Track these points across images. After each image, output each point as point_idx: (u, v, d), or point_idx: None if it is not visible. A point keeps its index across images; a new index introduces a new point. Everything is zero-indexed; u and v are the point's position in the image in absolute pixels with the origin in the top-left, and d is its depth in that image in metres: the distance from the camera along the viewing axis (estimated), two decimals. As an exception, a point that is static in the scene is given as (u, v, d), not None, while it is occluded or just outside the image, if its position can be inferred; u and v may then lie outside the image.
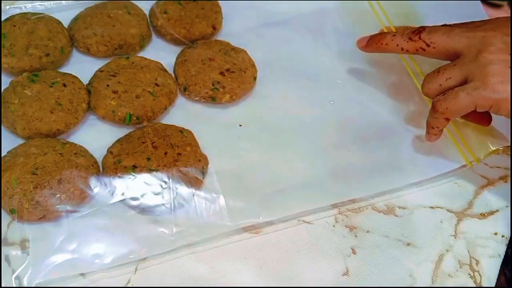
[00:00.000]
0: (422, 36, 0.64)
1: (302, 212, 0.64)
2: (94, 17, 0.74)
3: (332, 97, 0.74)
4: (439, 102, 0.61)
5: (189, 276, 0.59)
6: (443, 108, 0.61)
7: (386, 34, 0.68)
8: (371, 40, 0.70)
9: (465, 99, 0.59)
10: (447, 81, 0.61)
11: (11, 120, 0.64)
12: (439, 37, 0.63)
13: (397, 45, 0.66)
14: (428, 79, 0.63)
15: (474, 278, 0.62)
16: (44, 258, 0.57)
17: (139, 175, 0.61)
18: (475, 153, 0.68)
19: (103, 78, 0.69)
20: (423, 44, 0.64)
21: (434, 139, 0.66)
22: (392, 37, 0.67)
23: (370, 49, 0.70)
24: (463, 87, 0.59)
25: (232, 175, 0.65)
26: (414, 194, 0.68)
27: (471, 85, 0.58)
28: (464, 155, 0.68)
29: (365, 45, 0.71)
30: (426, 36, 0.64)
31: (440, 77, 0.62)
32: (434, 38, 0.63)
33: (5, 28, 0.70)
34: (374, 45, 0.69)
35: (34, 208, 0.58)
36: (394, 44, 0.67)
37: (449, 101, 0.60)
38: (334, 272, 0.61)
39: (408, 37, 0.65)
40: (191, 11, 0.76)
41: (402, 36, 0.66)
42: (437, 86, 0.62)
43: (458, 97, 0.59)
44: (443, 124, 0.63)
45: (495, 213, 0.67)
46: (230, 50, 0.74)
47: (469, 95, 0.58)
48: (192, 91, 0.70)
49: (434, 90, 0.63)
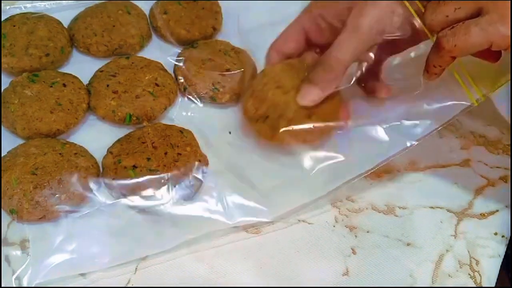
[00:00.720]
0: None
1: (302, 209, 0.64)
2: (94, 17, 0.74)
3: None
4: (446, 38, 0.52)
5: (189, 276, 0.59)
6: (450, 45, 0.51)
7: None
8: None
9: (478, 36, 0.50)
10: (456, 11, 0.52)
11: (11, 120, 0.64)
12: None
13: None
14: (432, 9, 0.53)
15: (474, 278, 0.62)
16: (44, 258, 0.57)
17: (139, 175, 0.61)
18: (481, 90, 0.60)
19: (103, 78, 0.69)
20: None
21: (434, 78, 0.57)
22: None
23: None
24: (476, 21, 0.50)
25: (232, 175, 0.65)
26: (414, 194, 0.68)
27: (486, 18, 0.49)
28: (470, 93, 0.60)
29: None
30: None
31: (447, 6, 0.52)
32: None
33: (5, 28, 0.70)
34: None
35: (34, 208, 0.58)
36: None
37: (459, 37, 0.51)
38: (334, 272, 0.61)
39: None
40: (191, 11, 0.76)
41: None
42: (443, 18, 0.53)
43: (470, 32, 0.50)
44: (448, 63, 0.55)
45: (495, 213, 0.67)
46: (230, 50, 0.74)
47: (483, 31, 0.49)
48: (192, 91, 0.70)
49: (439, 22, 0.53)
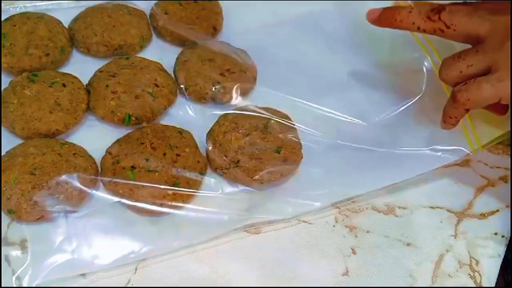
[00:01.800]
0: (442, 17, 0.59)
1: (302, 212, 0.64)
2: (94, 17, 0.74)
3: (333, 100, 0.73)
4: (461, 93, 0.57)
5: (189, 276, 0.59)
6: (464, 98, 0.57)
7: (401, 10, 0.62)
8: (384, 14, 0.64)
9: (489, 91, 0.55)
10: (468, 68, 0.57)
11: (10, 120, 0.64)
12: (460, 19, 0.58)
13: (413, 23, 0.61)
14: (447, 65, 0.60)
15: (474, 278, 0.62)
16: (44, 258, 0.57)
17: (138, 175, 0.61)
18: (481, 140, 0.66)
19: (102, 79, 0.69)
20: (443, 25, 0.59)
21: (450, 128, 0.63)
22: (408, 14, 0.61)
23: (381, 24, 0.64)
24: (487, 78, 0.56)
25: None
26: (415, 194, 0.67)
27: (496, 76, 0.55)
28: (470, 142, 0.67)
29: (377, 19, 0.64)
30: (446, 16, 0.59)
31: (460, 63, 0.58)
32: (455, 20, 0.59)
33: (5, 28, 0.70)
34: (387, 20, 0.63)
35: (32, 208, 0.58)
36: (409, 21, 0.61)
37: (472, 92, 0.56)
38: (334, 272, 0.61)
39: (426, 16, 0.60)
40: (191, 11, 0.76)
41: (419, 13, 0.61)
42: (457, 73, 0.58)
43: (482, 88, 0.55)
44: (462, 114, 0.60)
45: (495, 213, 0.67)
46: (230, 51, 0.74)
47: (493, 87, 0.55)
48: (192, 92, 0.70)
49: (454, 77, 0.59)
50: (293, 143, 0.66)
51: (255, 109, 0.69)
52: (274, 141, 0.65)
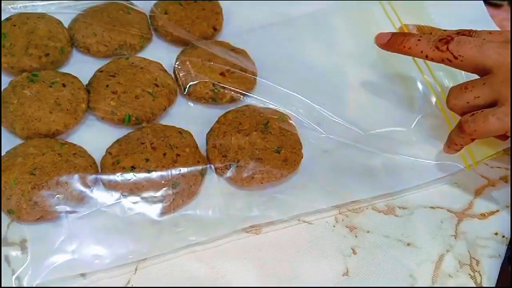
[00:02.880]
0: (450, 47, 0.60)
1: (302, 212, 0.64)
2: (94, 17, 0.74)
3: (333, 100, 0.73)
4: (468, 124, 0.58)
5: (189, 276, 0.59)
6: (471, 129, 0.58)
7: (410, 37, 0.63)
8: (393, 40, 0.65)
9: (495, 124, 0.56)
10: (475, 99, 0.58)
11: (10, 120, 0.64)
12: (468, 50, 0.59)
13: (421, 51, 0.62)
14: (454, 94, 0.60)
15: (474, 279, 0.62)
16: (44, 258, 0.57)
17: (138, 175, 0.61)
18: (475, 157, 0.68)
19: (102, 79, 0.69)
20: (450, 55, 0.60)
21: (453, 153, 0.64)
22: (417, 42, 0.62)
23: (390, 49, 0.66)
24: (493, 111, 0.56)
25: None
26: (415, 194, 0.67)
27: (503, 109, 0.56)
28: (464, 158, 0.68)
29: (386, 44, 0.65)
30: (454, 47, 0.60)
31: (468, 94, 0.59)
32: (462, 51, 0.59)
33: (5, 27, 0.70)
34: (395, 46, 0.64)
35: (32, 208, 0.58)
36: (418, 49, 0.62)
37: (478, 123, 0.57)
38: (334, 272, 0.61)
39: (434, 46, 0.61)
40: (191, 11, 0.76)
41: (428, 43, 0.61)
42: (464, 103, 0.59)
43: (488, 121, 0.56)
44: (468, 143, 0.61)
45: (495, 213, 0.67)
46: (230, 51, 0.74)
47: (499, 120, 0.56)
48: (192, 92, 0.70)
49: (461, 107, 0.60)
50: (293, 143, 0.66)
51: (255, 109, 0.69)
52: (274, 141, 0.65)
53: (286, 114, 0.69)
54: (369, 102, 0.74)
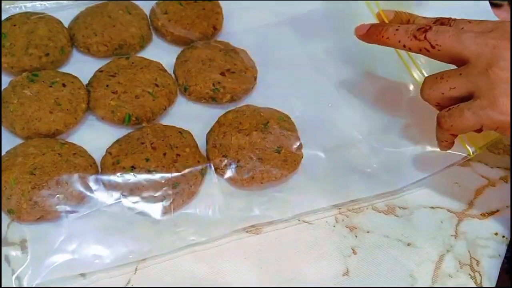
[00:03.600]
0: (428, 36, 0.58)
1: (303, 212, 0.64)
2: (95, 17, 0.74)
3: (332, 99, 0.74)
4: (444, 119, 0.57)
5: (189, 276, 0.59)
6: (448, 125, 0.57)
7: (389, 27, 0.62)
8: (371, 30, 0.64)
9: (470, 118, 0.55)
10: (451, 90, 0.57)
11: (10, 120, 0.64)
12: (446, 40, 0.57)
13: (399, 41, 0.60)
14: (429, 84, 0.59)
15: (474, 279, 0.62)
16: (44, 258, 0.57)
17: (138, 175, 0.61)
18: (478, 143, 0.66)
19: (102, 78, 0.68)
20: (428, 45, 0.58)
21: (446, 149, 0.63)
22: (395, 31, 0.61)
23: (369, 40, 0.64)
24: (468, 104, 0.55)
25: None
26: (415, 194, 0.67)
27: (478, 103, 0.54)
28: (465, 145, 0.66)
29: (364, 35, 0.64)
30: (432, 36, 0.58)
31: (443, 84, 0.57)
32: (440, 40, 0.57)
33: (5, 27, 0.70)
34: (374, 36, 0.63)
35: (32, 208, 0.58)
36: (396, 39, 0.61)
37: (454, 118, 0.56)
38: (334, 272, 0.61)
39: (412, 35, 0.59)
40: (191, 11, 0.76)
41: (406, 32, 0.60)
42: (438, 94, 0.58)
43: (464, 115, 0.55)
44: (451, 138, 0.60)
45: (495, 213, 0.67)
46: (230, 51, 0.74)
47: (475, 115, 0.54)
48: (192, 92, 0.70)
49: (435, 97, 0.58)
50: (293, 143, 0.66)
51: (255, 109, 0.69)
52: (274, 141, 0.65)
53: (286, 114, 0.69)
54: (369, 102, 0.74)
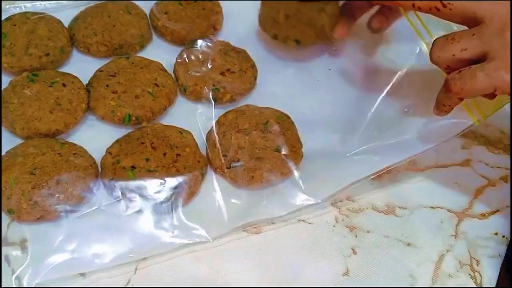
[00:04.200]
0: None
1: (302, 210, 0.64)
2: (94, 17, 0.74)
3: (332, 99, 0.74)
4: (454, 81, 0.54)
5: (189, 276, 0.59)
6: (457, 88, 0.54)
7: None
8: None
9: (484, 81, 0.52)
10: (462, 52, 0.54)
11: (10, 120, 0.64)
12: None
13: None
14: (440, 46, 0.56)
15: (474, 279, 0.62)
16: (44, 258, 0.57)
17: (138, 175, 0.61)
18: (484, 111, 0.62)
19: (102, 78, 0.68)
20: (439, 3, 0.55)
21: (444, 115, 0.60)
22: None
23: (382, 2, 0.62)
24: (481, 66, 0.52)
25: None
26: (415, 194, 0.67)
27: (492, 65, 0.52)
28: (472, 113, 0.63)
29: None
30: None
31: (454, 45, 0.54)
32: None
33: (5, 27, 0.70)
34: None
35: (32, 208, 0.58)
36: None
37: (465, 81, 0.53)
38: (334, 272, 0.61)
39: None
40: (191, 11, 0.76)
41: None
42: (449, 56, 0.55)
43: (476, 78, 0.52)
44: (456, 103, 0.57)
45: (495, 213, 0.67)
46: (230, 51, 0.74)
47: (488, 77, 0.51)
48: (192, 92, 0.70)
49: (445, 60, 0.55)
50: (293, 142, 0.66)
51: (255, 109, 0.69)
52: (274, 140, 0.65)
53: (286, 113, 0.69)
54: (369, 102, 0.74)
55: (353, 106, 0.73)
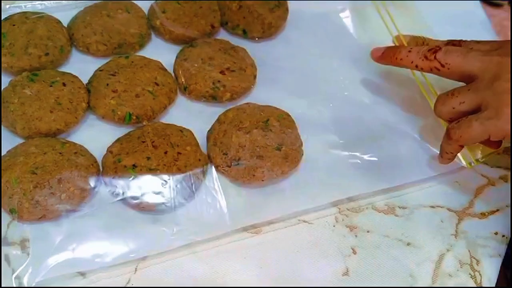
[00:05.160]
0: (438, 56, 0.63)
1: (302, 211, 0.64)
2: (94, 16, 0.74)
3: (332, 98, 0.74)
4: (453, 130, 0.60)
5: (189, 276, 0.59)
6: (457, 136, 0.59)
7: (402, 49, 0.67)
8: (386, 53, 0.69)
9: (478, 129, 0.57)
10: (461, 105, 0.60)
11: (10, 120, 0.64)
12: (454, 59, 0.62)
13: (411, 61, 0.65)
14: (441, 101, 0.62)
15: (474, 278, 0.62)
16: (44, 257, 0.57)
17: (139, 174, 0.61)
18: (475, 155, 0.68)
19: (102, 77, 0.68)
20: (438, 64, 0.63)
21: (447, 162, 0.65)
22: (408, 53, 0.66)
23: (384, 61, 0.70)
24: (476, 116, 0.58)
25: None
26: (415, 194, 0.68)
27: (485, 114, 0.57)
28: (464, 156, 0.68)
29: (380, 57, 0.70)
30: (441, 56, 0.62)
31: (453, 100, 0.61)
32: (449, 59, 0.62)
33: (5, 27, 0.70)
34: (388, 58, 0.69)
35: (34, 207, 0.58)
36: (408, 60, 0.66)
37: (463, 129, 0.59)
38: (334, 272, 0.61)
39: (423, 55, 0.64)
40: (189, 9, 0.76)
41: (417, 53, 0.65)
42: (450, 109, 0.61)
43: (472, 126, 0.58)
44: (457, 150, 0.62)
45: (495, 212, 0.67)
46: (229, 49, 0.74)
47: (482, 125, 0.57)
48: (192, 90, 0.70)
49: (447, 113, 0.62)
50: (293, 141, 0.66)
51: (256, 107, 0.69)
52: (275, 138, 0.65)
53: (286, 112, 0.69)
54: (369, 100, 0.74)
55: (353, 107, 0.74)
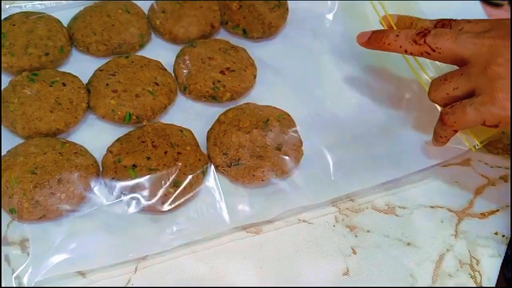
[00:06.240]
0: (427, 40, 0.61)
1: (302, 210, 0.64)
2: (94, 16, 0.74)
3: (331, 97, 0.74)
4: (447, 116, 0.59)
5: (189, 276, 0.59)
6: (451, 121, 0.59)
7: (389, 33, 0.64)
8: (372, 37, 0.66)
9: (473, 114, 0.56)
10: (454, 90, 0.59)
11: (10, 120, 0.64)
12: (444, 42, 0.60)
13: (400, 46, 0.63)
14: (435, 86, 0.61)
15: (474, 278, 0.62)
16: (44, 257, 0.57)
17: (139, 174, 0.61)
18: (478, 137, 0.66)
19: (102, 77, 0.68)
20: (428, 48, 0.61)
21: (441, 145, 0.64)
22: (396, 37, 0.63)
23: (371, 46, 0.67)
24: (470, 101, 0.57)
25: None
26: (415, 194, 0.68)
27: (479, 99, 0.56)
28: (467, 139, 0.67)
29: (366, 42, 0.67)
30: (431, 40, 0.60)
31: (447, 85, 0.60)
32: (439, 43, 0.60)
33: (5, 27, 0.70)
34: (375, 43, 0.65)
35: (34, 207, 0.58)
36: (397, 45, 0.63)
37: (457, 115, 0.58)
38: (334, 272, 0.61)
39: (412, 40, 0.62)
40: (189, 9, 0.76)
41: (406, 37, 0.62)
42: (444, 95, 0.60)
43: (466, 112, 0.57)
44: (451, 135, 0.62)
45: (495, 212, 0.67)
46: (229, 49, 0.74)
47: (476, 111, 0.56)
48: (192, 90, 0.70)
49: (441, 98, 0.61)
50: (293, 140, 0.66)
51: (255, 107, 0.69)
52: (275, 138, 0.65)
53: (286, 112, 0.69)
54: (368, 99, 0.74)
55: (353, 106, 0.74)
